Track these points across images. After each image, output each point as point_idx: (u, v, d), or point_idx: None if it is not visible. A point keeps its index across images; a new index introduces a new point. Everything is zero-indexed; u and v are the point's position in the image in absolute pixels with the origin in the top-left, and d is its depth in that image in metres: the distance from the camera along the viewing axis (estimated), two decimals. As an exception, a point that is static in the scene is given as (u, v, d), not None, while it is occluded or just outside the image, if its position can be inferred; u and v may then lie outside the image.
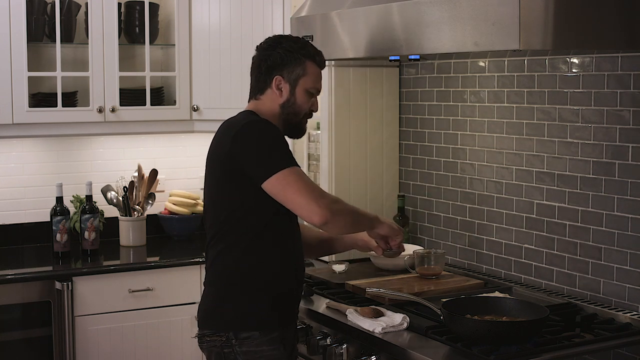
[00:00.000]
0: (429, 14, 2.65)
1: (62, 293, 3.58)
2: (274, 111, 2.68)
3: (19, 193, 4.12)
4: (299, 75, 2.67)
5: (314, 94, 2.72)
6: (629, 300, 2.84)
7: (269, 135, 2.55)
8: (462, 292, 3.07)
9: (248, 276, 2.60)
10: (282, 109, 2.68)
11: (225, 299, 2.62)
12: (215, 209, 2.65)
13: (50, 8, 3.91)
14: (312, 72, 2.69)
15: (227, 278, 2.63)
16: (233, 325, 2.59)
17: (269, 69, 2.67)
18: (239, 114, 2.69)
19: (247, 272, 2.61)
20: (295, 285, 2.69)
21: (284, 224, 2.63)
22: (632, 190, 2.81)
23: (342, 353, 2.73)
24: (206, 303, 2.68)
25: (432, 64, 3.61)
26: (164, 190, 4.34)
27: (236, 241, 2.59)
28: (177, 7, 4.04)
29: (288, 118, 2.69)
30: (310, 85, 2.69)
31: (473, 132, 3.42)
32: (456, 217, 3.54)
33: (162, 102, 4.15)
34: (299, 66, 2.67)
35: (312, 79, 2.69)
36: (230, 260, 2.62)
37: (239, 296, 2.60)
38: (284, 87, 2.67)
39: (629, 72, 2.79)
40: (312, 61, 2.69)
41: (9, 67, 3.73)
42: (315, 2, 3.28)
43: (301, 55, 2.67)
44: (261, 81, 2.69)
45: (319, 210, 2.48)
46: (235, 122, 2.62)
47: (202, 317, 2.69)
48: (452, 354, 2.46)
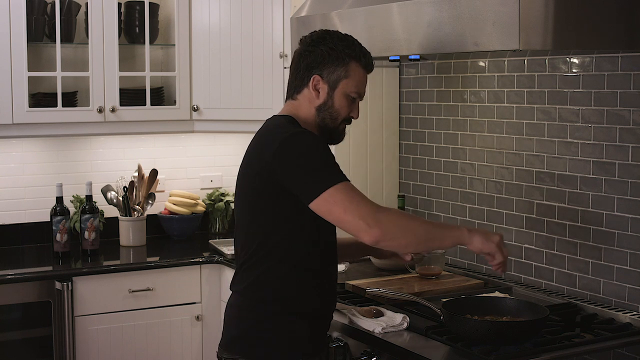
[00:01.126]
0: (429, 14, 2.65)
1: (62, 293, 3.58)
2: (310, 112, 2.49)
3: (19, 193, 4.12)
4: (340, 77, 2.46)
5: (355, 98, 2.50)
6: (629, 300, 2.84)
7: (315, 150, 2.35)
8: (462, 292, 3.07)
9: (289, 305, 2.44)
10: (318, 111, 2.48)
11: (264, 324, 2.45)
12: (247, 229, 2.49)
13: (50, 8, 3.91)
14: (355, 75, 2.47)
15: (264, 304, 2.46)
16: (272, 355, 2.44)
17: (308, 66, 2.47)
18: (279, 120, 2.48)
19: (285, 297, 2.44)
20: (331, 311, 2.56)
21: (327, 250, 2.50)
22: (632, 190, 2.81)
23: (342, 353, 2.73)
24: (238, 326, 2.50)
25: (432, 64, 3.61)
26: (164, 190, 4.34)
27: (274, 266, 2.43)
28: (177, 7, 4.04)
29: (324, 122, 2.48)
30: (351, 89, 2.47)
31: (473, 132, 3.43)
32: (456, 217, 3.54)
33: (162, 102, 4.15)
34: (341, 67, 2.45)
35: (354, 82, 2.47)
36: (267, 285, 2.45)
37: (276, 324, 2.44)
38: (321, 88, 2.47)
39: (629, 72, 2.79)
40: (357, 62, 2.47)
41: (9, 67, 3.73)
42: (315, 2, 3.28)
43: (345, 55, 2.45)
44: (299, 79, 2.49)
45: (367, 228, 2.29)
46: (276, 131, 2.41)
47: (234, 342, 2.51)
48: (452, 354, 2.46)
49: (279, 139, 2.36)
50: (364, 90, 2.52)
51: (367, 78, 2.52)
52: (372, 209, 2.32)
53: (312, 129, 2.49)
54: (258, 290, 2.46)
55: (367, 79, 2.53)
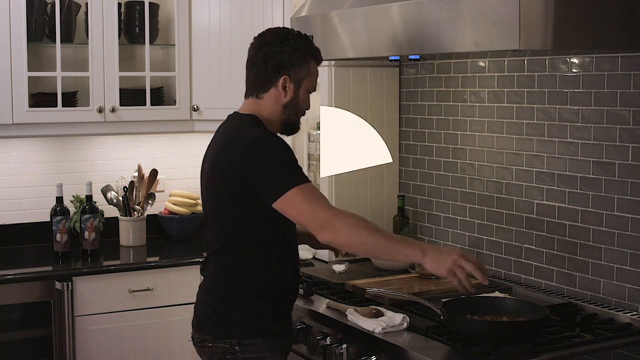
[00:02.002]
0: (429, 14, 2.65)
1: (62, 293, 3.58)
2: (276, 110, 2.62)
3: (19, 193, 4.12)
4: (304, 76, 2.62)
5: (311, 92, 2.69)
6: (629, 300, 2.84)
7: (278, 154, 2.48)
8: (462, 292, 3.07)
9: (249, 286, 2.59)
10: (285, 109, 2.62)
11: (228, 306, 2.59)
12: (217, 222, 2.62)
13: (50, 8, 3.91)
14: (314, 72, 2.66)
15: (229, 287, 2.61)
16: (237, 332, 2.58)
17: (277, 67, 2.58)
18: (244, 119, 2.60)
19: (249, 282, 2.59)
20: (294, 295, 2.72)
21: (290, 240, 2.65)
22: (632, 190, 2.81)
23: (342, 353, 2.73)
24: (206, 309, 2.65)
25: (432, 64, 3.61)
26: (164, 190, 4.34)
27: (239, 256, 2.58)
28: (177, 7, 4.04)
29: (289, 118, 2.64)
30: (312, 85, 2.66)
31: (473, 132, 3.42)
32: (456, 217, 3.54)
33: (162, 102, 4.15)
34: (305, 66, 2.61)
35: (314, 79, 2.67)
36: (233, 272, 2.60)
37: (242, 304, 2.59)
38: (289, 87, 2.60)
39: (629, 72, 2.79)
40: (314, 61, 2.65)
41: (9, 67, 3.73)
42: (315, 2, 3.27)
43: (307, 54, 2.62)
44: (266, 79, 2.60)
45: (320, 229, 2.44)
46: (243, 132, 2.53)
47: (203, 323, 2.65)
48: (452, 354, 2.46)
49: (247, 141, 2.48)
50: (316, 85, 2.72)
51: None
52: (327, 212, 2.45)
53: (275, 125, 2.64)
54: (227, 275, 2.61)
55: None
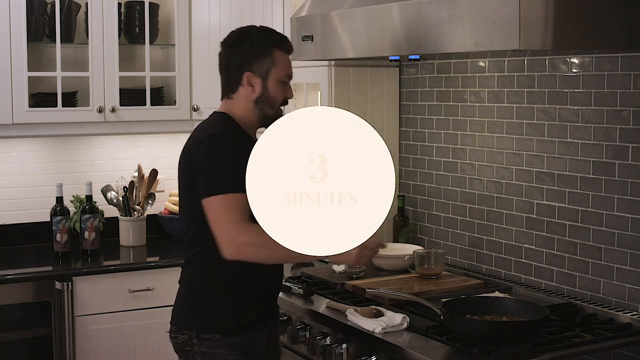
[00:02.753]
0: (429, 14, 2.64)
1: (62, 293, 3.58)
2: (248, 107, 2.65)
3: (19, 193, 4.12)
4: (269, 67, 2.62)
5: (286, 82, 2.67)
6: (629, 300, 2.84)
7: (221, 154, 2.53)
8: (462, 292, 3.07)
9: (215, 280, 2.63)
10: (257, 104, 2.65)
11: (193, 299, 2.65)
12: (186, 215, 2.68)
13: (50, 8, 3.91)
14: (281, 61, 2.64)
15: (197, 279, 2.66)
16: (196, 325, 2.62)
17: (238, 66, 2.64)
18: (215, 116, 2.68)
19: (215, 276, 2.63)
20: (261, 293, 2.68)
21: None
22: (632, 190, 2.81)
23: (342, 353, 2.73)
24: (177, 300, 2.72)
25: (432, 64, 3.61)
26: (164, 190, 4.34)
27: (207, 246, 2.59)
28: (177, 7, 4.04)
29: (264, 112, 2.65)
30: (281, 74, 2.64)
31: (473, 132, 3.43)
32: (456, 217, 3.54)
33: (162, 102, 4.15)
34: (267, 57, 2.62)
35: (282, 68, 2.64)
36: (201, 263, 2.65)
37: (205, 298, 2.63)
38: (255, 82, 2.63)
39: (629, 72, 2.79)
40: (279, 49, 2.64)
41: (9, 67, 3.73)
42: (315, 2, 3.27)
43: (268, 45, 2.63)
44: (232, 80, 2.67)
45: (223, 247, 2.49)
46: (206, 128, 2.63)
47: (172, 313, 2.73)
48: (452, 354, 2.46)
49: (203, 137, 2.57)
50: (291, 72, 2.69)
51: (290, 60, 2.69)
52: (233, 232, 2.47)
53: (251, 122, 2.67)
54: (193, 267, 2.67)
55: (291, 60, 2.69)
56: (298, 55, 3.26)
